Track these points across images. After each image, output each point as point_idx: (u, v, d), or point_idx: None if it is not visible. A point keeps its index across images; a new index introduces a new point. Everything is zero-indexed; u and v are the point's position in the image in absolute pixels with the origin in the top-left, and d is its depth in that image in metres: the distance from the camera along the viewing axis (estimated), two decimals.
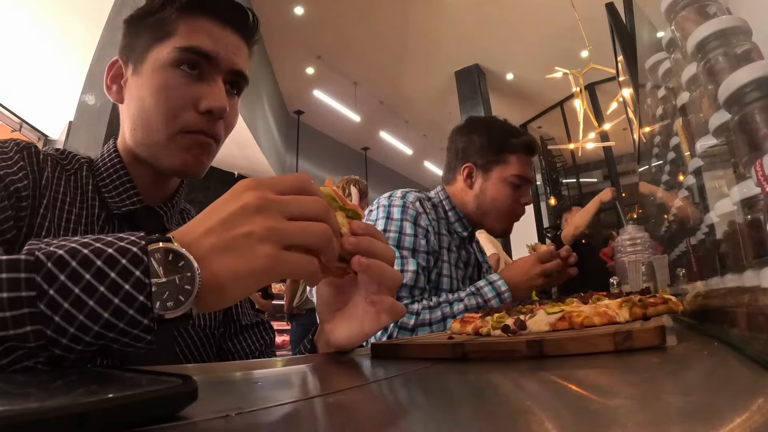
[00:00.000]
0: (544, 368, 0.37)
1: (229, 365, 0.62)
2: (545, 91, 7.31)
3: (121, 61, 0.67)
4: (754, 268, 0.39)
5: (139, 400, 0.21)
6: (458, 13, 5.82)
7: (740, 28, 0.48)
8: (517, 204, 1.28)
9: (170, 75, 0.62)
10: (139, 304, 0.32)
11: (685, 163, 0.71)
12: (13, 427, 0.16)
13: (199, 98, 0.63)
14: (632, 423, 0.19)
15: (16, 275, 0.30)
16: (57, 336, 0.30)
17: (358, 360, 0.54)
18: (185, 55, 0.62)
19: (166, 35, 0.63)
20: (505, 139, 1.27)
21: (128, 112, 0.66)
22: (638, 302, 0.49)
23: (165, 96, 0.62)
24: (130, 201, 0.65)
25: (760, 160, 0.37)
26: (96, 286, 0.31)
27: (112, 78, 0.68)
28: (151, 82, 0.63)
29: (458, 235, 1.30)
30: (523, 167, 1.27)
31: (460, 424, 0.22)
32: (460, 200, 1.31)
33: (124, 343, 0.33)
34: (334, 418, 0.26)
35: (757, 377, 0.28)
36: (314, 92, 7.37)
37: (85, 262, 0.31)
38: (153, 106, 0.62)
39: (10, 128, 4.36)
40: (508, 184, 1.26)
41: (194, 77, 0.63)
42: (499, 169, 1.27)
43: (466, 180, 1.30)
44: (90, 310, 0.31)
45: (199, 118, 0.63)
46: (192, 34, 0.63)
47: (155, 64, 0.63)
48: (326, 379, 0.45)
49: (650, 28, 1.10)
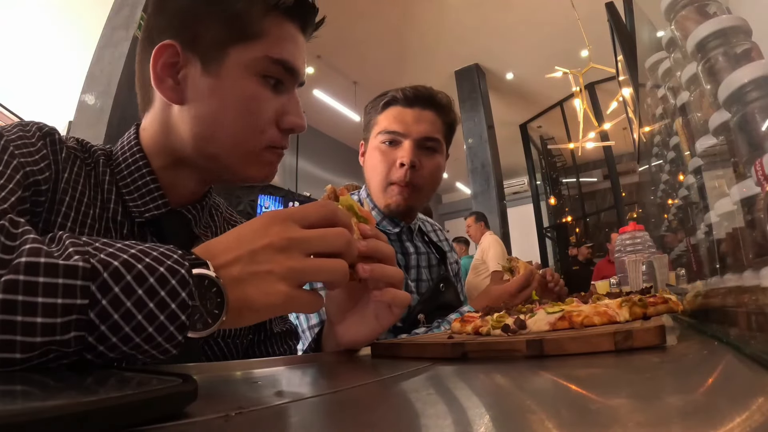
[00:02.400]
0: (544, 368, 0.37)
1: (229, 365, 0.62)
2: (545, 90, 7.31)
3: (181, 51, 0.55)
4: (754, 268, 0.39)
5: (140, 400, 0.21)
6: (458, 12, 5.81)
7: (740, 28, 0.48)
8: (392, 165, 1.06)
9: (258, 85, 0.57)
10: (180, 323, 0.34)
11: (685, 163, 0.71)
12: (13, 427, 0.16)
13: (282, 113, 0.59)
14: (632, 423, 0.19)
15: (73, 282, 0.30)
16: (96, 343, 0.31)
17: (358, 359, 0.54)
18: (275, 68, 0.57)
19: (253, 36, 0.56)
20: (376, 105, 1.11)
21: (194, 118, 0.57)
22: (638, 302, 0.49)
23: (253, 108, 0.57)
24: (154, 205, 0.59)
25: (759, 160, 0.37)
26: (146, 303, 0.32)
27: (164, 68, 0.55)
28: (236, 90, 0.56)
29: (387, 235, 1.09)
30: (391, 122, 1.06)
31: (461, 424, 0.22)
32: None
33: (151, 355, 0.34)
34: (334, 418, 0.26)
35: (757, 377, 0.28)
36: (314, 92, 7.35)
37: (139, 278, 0.32)
38: (237, 119, 0.57)
39: None
40: (380, 145, 1.07)
41: (275, 89, 0.59)
42: (373, 133, 1.10)
43: (361, 159, 1.15)
44: (137, 323, 0.32)
45: (280, 135, 0.60)
46: (282, 42, 0.57)
47: (240, 69, 0.56)
48: (326, 379, 0.45)
49: (650, 27, 1.10)
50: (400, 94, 1.07)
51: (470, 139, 6.53)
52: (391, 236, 1.11)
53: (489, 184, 6.31)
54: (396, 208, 1.07)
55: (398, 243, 1.13)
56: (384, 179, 1.07)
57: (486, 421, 0.22)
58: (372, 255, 0.51)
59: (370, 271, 0.50)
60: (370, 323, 0.56)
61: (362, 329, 0.57)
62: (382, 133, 1.07)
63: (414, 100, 1.06)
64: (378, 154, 1.08)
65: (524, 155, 8.93)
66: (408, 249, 1.14)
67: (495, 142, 6.58)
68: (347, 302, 0.58)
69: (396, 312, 0.56)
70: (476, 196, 6.36)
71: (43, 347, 0.29)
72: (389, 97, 1.08)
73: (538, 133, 9.11)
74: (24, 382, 0.28)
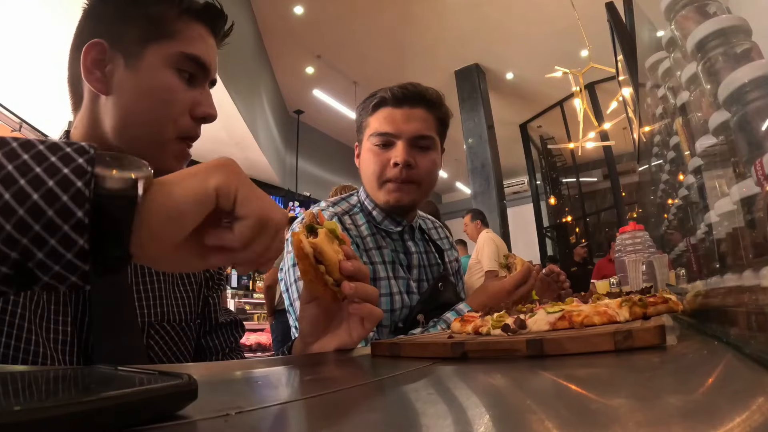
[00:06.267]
0: (544, 367, 0.37)
1: (229, 364, 0.62)
2: (545, 90, 7.31)
3: (108, 48, 0.62)
4: (754, 268, 0.39)
5: (140, 399, 0.21)
6: (458, 12, 5.81)
7: (740, 27, 0.48)
8: (386, 165, 1.03)
9: (172, 78, 0.63)
10: (76, 189, 0.29)
11: (685, 163, 0.71)
12: (13, 427, 0.16)
13: (194, 104, 0.65)
14: (632, 422, 0.19)
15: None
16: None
17: (358, 359, 0.54)
18: (187, 63, 0.64)
19: (168, 35, 0.63)
20: (366, 107, 1.09)
21: (116, 107, 0.62)
22: (638, 302, 0.49)
23: (167, 98, 0.63)
24: None
25: (759, 159, 0.37)
26: (32, 167, 0.29)
27: (93, 62, 0.62)
28: (151, 82, 0.62)
29: (389, 234, 1.10)
30: (381, 123, 1.05)
31: (461, 424, 0.22)
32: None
33: (55, 275, 0.30)
34: (334, 418, 0.26)
35: (757, 377, 0.28)
36: (314, 92, 7.36)
37: (25, 145, 0.30)
38: (153, 108, 0.62)
39: (10, 128, 4.35)
40: (373, 147, 1.06)
41: (189, 83, 0.65)
42: (365, 135, 1.09)
43: (357, 161, 1.14)
44: (19, 188, 0.28)
45: (192, 125, 0.65)
46: (194, 40, 0.65)
47: (156, 64, 0.62)
48: (326, 378, 0.45)
49: (650, 27, 1.10)
50: (388, 94, 1.05)
51: (470, 139, 6.53)
52: (393, 235, 1.10)
53: (489, 184, 6.32)
54: (396, 203, 1.05)
55: (400, 242, 1.11)
56: (379, 179, 1.05)
57: (486, 421, 0.22)
58: (355, 275, 0.58)
59: (355, 288, 0.58)
60: (343, 337, 0.62)
61: (335, 343, 0.62)
62: (373, 136, 1.05)
63: (403, 99, 1.04)
64: (372, 156, 1.06)
65: (524, 155, 8.94)
66: (410, 248, 1.11)
67: (495, 142, 6.59)
68: (323, 321, 0.63)
69: (367, 327, 0.62)
70: (476, 196, 6.37)
71: None
72: (378, 98, 1.06)
73: (538, 132, 9.12)
74: (24, 382, 0.28)
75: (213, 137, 5.50)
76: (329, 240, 0.59)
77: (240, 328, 0.85)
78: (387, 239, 1.09)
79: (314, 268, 0.56)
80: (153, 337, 0.66)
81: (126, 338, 0.62)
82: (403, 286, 1.05)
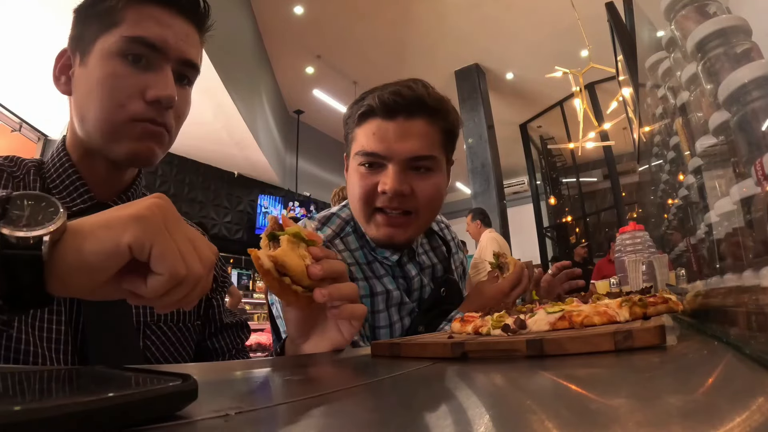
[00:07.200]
0: (544, 367, 0.37)
1: (229, 365, 0.62)
2: (545, 90, 7.31)
3: (70, 52, 0.66)
4: (754, 268, 0.39)
5: (140, 399, 0.21)
6: (458, 12, 5.81)
7: (740, 28, 0.48)
8: (374, 191, 0.84)
9: (116, 64, 0.62)
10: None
11: (685, 163, 0.71)
12: (13, 427, 0.16)
13: (146, 87, 0.62)
14: (632, 423, 0.19)
15: None
16: None
17: (358, 359, 0.54)
18: (131, 45, 0.62)
19: (113, 24, 0.62)
20: (352, 115, 0.90)
21: (76, 104, 0.65)
22: (638, 301, 0.49)
23: (111, 85, 0.61)
24: (81, 200, 0.65)
25: (760, 159, 0.37)
26: None
27: (61, 69, 0.67)
28: (97, 73, 0.62)
29: (384, 262, 0.93)
30: (369, 140, 0.84)
31: (461, 424, 0.22)
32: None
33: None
34: (334, 418, 0.26)
35: (757, 377, 0.28)
36: (314, 92, 7.36)
37: None
38: (99, 96, 0.62)
39: (10, 128, 4.35)
40: (359, 167, 0.88)
41: (141, 67, 0.63)
42: (352, 151, 0.89)
43: (346, 174, 0.95)
44: None
45: (147, 108, 0.63)
46: (139, 22, 0.62)
47: (101, 54, 0.62)
48: (326, 378, 0.45)
49: (650, 27, 1.10)
50: (376, 102, 0.82)
51: (470, 139, 6.53)
52: (387, 264, 0.95)
53: (489, 184, 6.32)
54: (388, 241, 0.87)
55: (398, 268, 0.96)
56: (366, 206, 0.86)
57: (486, 421, 0.22)
58: (327, 277, 0.55)
59: (328, 295, 0.54)
60: (334, 337, 0.60)
61: (326, 344, 0.60)
62: (359, 154, 0.85)
63: (395, 108, 0.82)
64: (357, 179, 0.86)
65: (524, 155, 8.93)
66: (410, 272, 0.96)
67: (495, 142, 6.59)
68: (308, 321, 0.61)
69: (355, 324, 0.60)
70: (476, 196, 6.36)
71: None
72: (365, 106, 0.85)
73: (538, 133, 9.11)
74: (24, 382, 0.28)
75: (213, 137, 5.51)
76: (294, 246, 0.55)
77: (245, 330, 0.84)
78: (385, 265, 0.95)
79: (279, 281, 0.53)
80: (149, 338, 0.65)
81: (121, 338, 0.62)
82: (404, 311, 0.95)
